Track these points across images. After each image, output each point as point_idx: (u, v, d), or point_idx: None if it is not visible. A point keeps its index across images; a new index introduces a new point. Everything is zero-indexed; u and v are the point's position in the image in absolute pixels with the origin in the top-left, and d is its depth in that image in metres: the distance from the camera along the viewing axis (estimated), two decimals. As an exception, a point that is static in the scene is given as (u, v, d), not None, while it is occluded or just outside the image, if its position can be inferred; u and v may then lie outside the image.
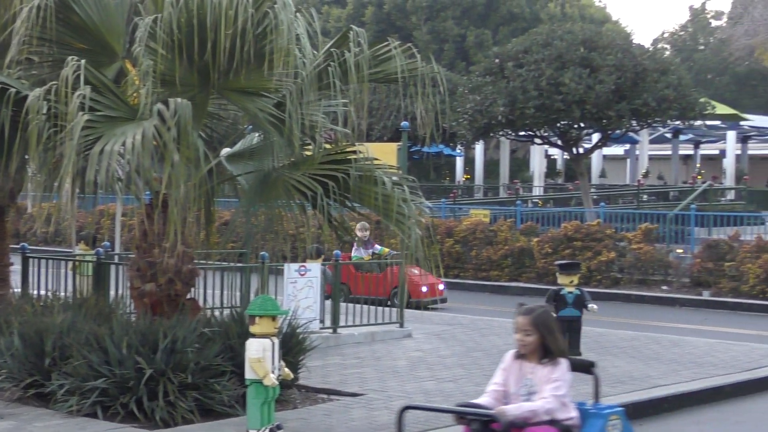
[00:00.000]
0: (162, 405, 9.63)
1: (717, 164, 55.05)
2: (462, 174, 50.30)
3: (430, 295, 20.72)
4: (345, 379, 12.19)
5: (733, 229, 24.10)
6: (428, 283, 20.64)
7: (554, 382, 6.70)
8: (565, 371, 6.81)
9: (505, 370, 6.94)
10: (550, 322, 6.85)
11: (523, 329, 6.82)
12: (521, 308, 6.92)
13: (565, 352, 6.92)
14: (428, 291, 20.68)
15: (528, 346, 6.81)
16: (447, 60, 55.17)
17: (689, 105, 27.69)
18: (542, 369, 6.79)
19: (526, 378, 6.85)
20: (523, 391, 6.82)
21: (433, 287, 20.82)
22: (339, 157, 10.65)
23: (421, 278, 20.48)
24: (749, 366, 13.53)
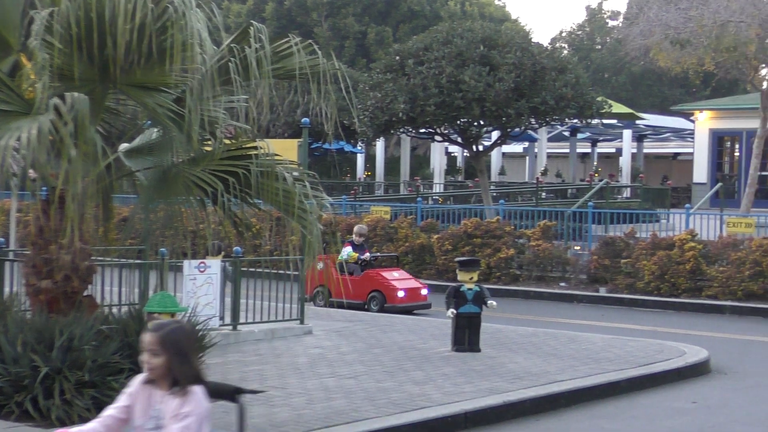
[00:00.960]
0: (58, 403, 9.49)
1: (614, 162, 55.90)
2: (363, 171, 50.38)
3: (409, 301, 19.47)
4: (245, 376, 12.13)
5: (629, 226, 24.48)
6: (407, 288, 19.55)
7: (183, 419, 5.55)
8: (199, 403, 5.63)
9: (131, 396, 5.85)
10: (182, 342, 5.66)
11: (149, 349, 5.67)
12: (151, 323, 5.88)
13: (200, 379, 5.72)
14: (406, 296, 19.43)
15: (155, 369, 5.66)
16: (348, 57, 55.19)
17: (587, 104, 28.04)
18: (172, 400, 5.64)
19: (155, 408, 5.71)
20: (150, 425, 5.72)
21: (413, 292, 19.65)
22: (239, 153, 10.59)
23: (399, 282, 19.61)
24: (644, 361, 13.76)
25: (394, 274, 19.72)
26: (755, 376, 13.91)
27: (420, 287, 19.84)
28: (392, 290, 19.36)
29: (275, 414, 10.29)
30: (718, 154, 44.33)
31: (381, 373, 12.54)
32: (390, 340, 15.15)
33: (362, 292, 19.31)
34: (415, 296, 19.56)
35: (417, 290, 19.70)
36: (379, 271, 19.71)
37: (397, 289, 19.31)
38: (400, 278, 19.72)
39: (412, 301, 19.43)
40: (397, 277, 19.67)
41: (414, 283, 19.87)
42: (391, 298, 19.24)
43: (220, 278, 14.43)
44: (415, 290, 19.65)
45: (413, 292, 19.55)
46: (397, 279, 19.59)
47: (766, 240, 21.35)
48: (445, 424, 10.48)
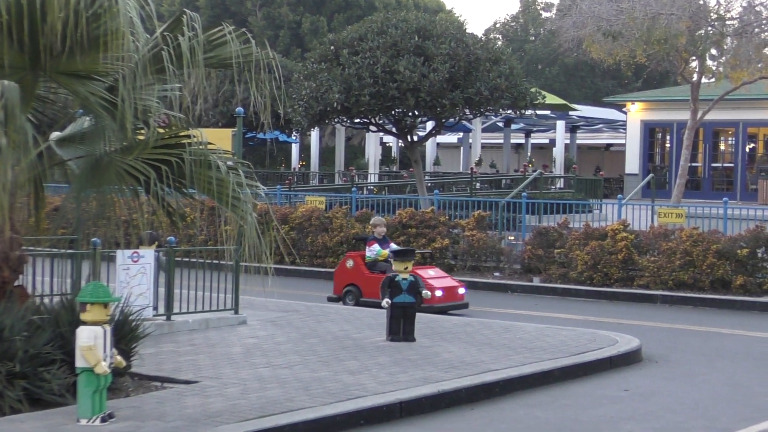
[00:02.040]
0: (-12, 395, 9.39)
1: (547, 153, 56.33)
2: (298, 161, 50.29)
3: (446, 300, 18.13)
4: (179, 367, 12.07)
5: (562, 216, 24.65)
6: (444, 287, 18.21)
7: None
8: None
9: None
10: None
11: None
12: None
13: None
14: (443, 295, 18.05)
15: None
16: (282, 46, 55.03)
17: (520, 94, 28.18)
18: None
19: None
20: None
21: (450, 291, 18.33)
22: (173, 141, 10.53)
23: (436, 280, 18.21)
24: (577, 350, 13.87)
25: (430, 272, 18.45)
26: (685, 364, 14.09)
27: (457, 286, 18.57)
28: (429, 289, 17.84)
29: (210, 404, 10.25)
30: (649, 145, 44.83)
31: (316, 363, 12.53)
32: (325, 330, 15.14)
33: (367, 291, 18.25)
34: (453, 295, 18.33)
35: (454, 289, 18.43)
36: (414, 270, 18.34)
37: (435, 288, 17.67)
38: (437, 276, 18.47)
39: (449, 301, 18.24)
40: (433, 275, 18.37)
41: (451, 282, 18.68)
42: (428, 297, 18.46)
43: (154, 268, 14.34)
44: (452, 289, 18.40)
45: (450, 291, 18.32)
46: (433, 277, 18.22)
47: (696, 230, 21.62)
48: (381, 414, 10.50)
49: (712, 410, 11.34)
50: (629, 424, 10.59)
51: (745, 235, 21.19)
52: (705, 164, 43.56)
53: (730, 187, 42.27)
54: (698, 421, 10.75)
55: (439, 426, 10.44)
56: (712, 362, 14.28)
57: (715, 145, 43.95)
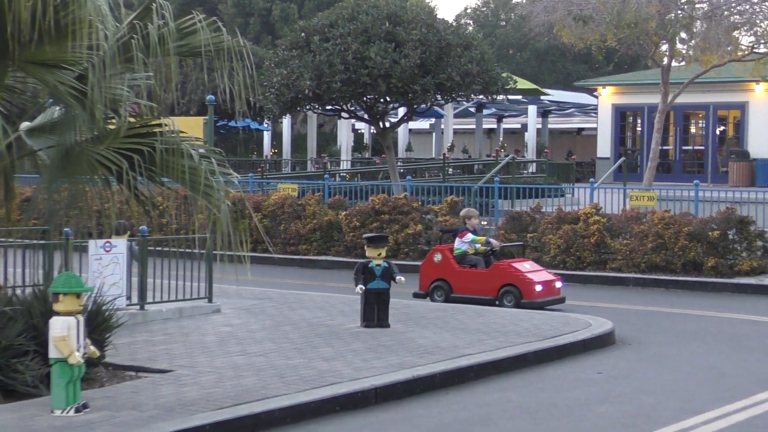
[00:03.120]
0: (-38, 387, 9.35)
1: (519, 138, 56.44)
2: (270, 148, 50.19)
3: (546, 295, 17.30)
4: (153, 356, 12.05)
5: (535, 201, 24.72)
6: (543, 281, 17.40)
7: None
8: None
9: None
10: None
11: None
12: None
13: None
14: (544, 290, 17.26)
15: None
16: (253, 34, 54.87)
17: (492, 80, 28.19)
18: None
19: None
20: None
21: (548, 285, 17.45)
22: (144, 130, 10.48)
23: (534, 274, 17.48)
24: (551, 334, 13.93)
25: (526, 265, 17.62)
26: (658, 346, 14.17)
27: (554, 279, 17.67)
28: (529, 284, 17.17)
29: (184, 393, 10.24)
30: (620, 129, 44.95)
31: (290, 350, 12.54)
32: (299, 317, 15.14)
33: (492, 287, 17.29)
34: (551, 290, 17.45)
35: (551, 283, 17.54)
36: (510, 263, 17.57)
37: (535, 283, 17.15)
38: (534, 270, 17.65)
39: (548, 296, 17.36)
40: (531, 269, 17.58)
41: (548, 275, 17.78)
42: (528, 293, 17.07)
43: (127, 258, 14.31)
44: (550, 283, 17.51)
45: (548, 286, 17.42)
46: (531, 271, 17.49)
47: (667, 213, 21.72)
48: (356, 400, 10.52)
49: (684, 391, 11.42)
50: (603, 406, 10.65)
51: (716, 217, 21.31)
52: (676, 147, 43.73)
53: (701, 170, 42.44)
54: (671, 402, 10.82)
55: (413, 411, 10.47)
56: (684, 344, 14.37)
57: (685, 128, 44.12)
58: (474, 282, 17.43)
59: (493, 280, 17.34)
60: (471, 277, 17.48)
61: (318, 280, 21.67)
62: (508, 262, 17.60)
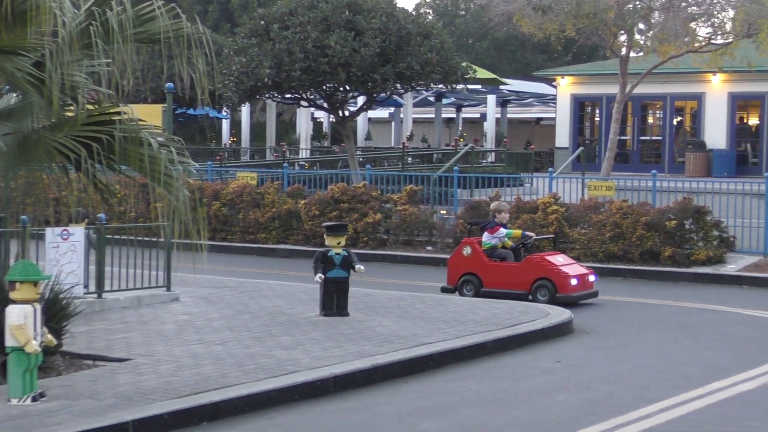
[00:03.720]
0: None
1: (478, 127, 56.50)
2: (228, 137, 50.00)
3: (581, 289, 16.78)
4: (111, 345, 11.99)
5: (494, 190, 24.78)
6: (578, 274, 16.88)
7: None
8: None
9: None
10: None
11: None
12: None
13: None
14: (579, 284, 16.74)
15: None
16: (212, 21, 54.63)
17: (451, 69, 28.23)
18: None
19: None
20: None
21: (583, 279, 16.93)
22: (102, 118, 10.40)
23: (569, 268, 16.96)
24: (510, 323, 13.98)
25: (559, 258, 17.16)
26: (616, 335, 14.26)
27: (587, 273, 17.17)
28: (564, 278, 16.62)
29: (143, 382, 10.20)
30: (579, 119, 45.11)
31: (249, 339, 12.51)
32: (258, 306, 15.11)
33: (525, 281, 16.73)
34: (585, 284, 16.94)
35: (585, 277, 17.02)
36: (543, 256, 17.11)
37: (570, 277, 16.64)
38: (567, 263, 17.17)
39: (583, 290, 16.85)
40: (564, 262, 17.07)
41: (581, 269, 17.26)
42: (563, 287, 16.53)
43: (84, 246, 14.22)
44: (584, 277, 16.99)
45: (583, 279, 16.91)
46: (565, 264, 17.00)
47: (625, 203, 21.84)
48: (315, 389, 10.52)
49: (642, 380, 11.50)
50: (562, 395, 10.71)
51: (673, 207, 21.46)
52: (634, 137, 43.95)
53: (659, 160, 42.69)
54: (629, 391, 10.89)
55: (373, 400, 10.48)
56: (642, 332, 14.46)
57: (643, 118, 44.33)
58: (506, 276, 16.91)
59: (526, 274, 16.78)
60: (503, 271, 16.96)
61: (277, 268, 21.64)
62: (542, 255, 17.13)
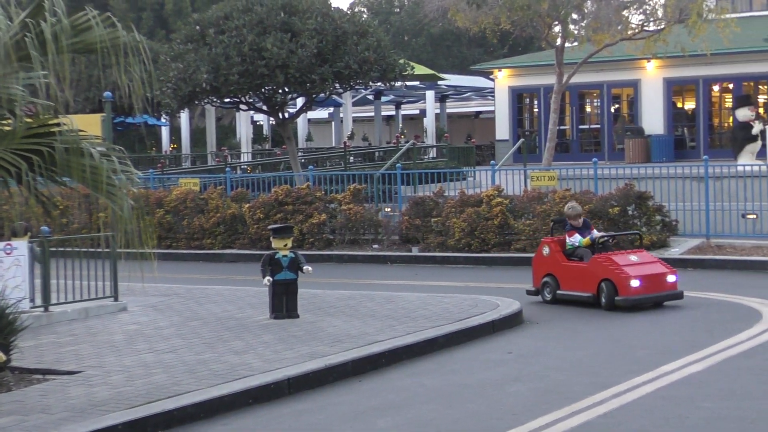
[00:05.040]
0: None
1: (418, 124, 56.62)
2: (169, 144, 49.71)
3: (647, 291, 15.27)
4: (60, 358, 11.90)
5: (437, 185, 24.85)
6: (644, 275, 15.30)
7: None
8: None
9: None
10: None
11: None
12: None
13: None
14: (642, 285, 15.19)
15: None
16: (146, 29, 54.27)
17: (389, 66, 28.27)
18: None
19: None
20: None
21: (654, 279, 15.39)
22: (42, 130, 10.30)
23: (634, 267, 15.39)
24: (460, 317, 14.03)
25: (632, 257, 15.61)
26: (565, 324, 14.35)
27: (665, 272, 15.56)
28: (624, 278, 15.17)
29: (94, 393, 10.13)
30: (518, 110, 45.35)
31: (200, 345, 12.47)
32: (207, 312, 15.05)
33: (591, 282, 15.48)
34: (657, 285, 15.43)
35: (660, 277, 15.48)
36: (610, 255, 15.70)
37: (630, 277, 15.16)
38: (639, 262, 15.56)
39: (652, 291, 15.36)
40: (634, 261, 15.52)
41: (657, 268, 15.66)
42: (623, 288, 15.12)
43: (28, 259, 14.09)
44: (657, 277, 15.45)
45: (654, 280, 15.38)
46: (632, 264, 15.44)
47: (568, 192, 22.00)
48: (269, 392, 10.50)
49: (593, 366, 11.59)
50: (515, 386, 10.77)
51: (615, 194, 21.64)
52: (573, 127, 44.25)
53: (598, 148, 43.02)
54: (581, 378, 10.97)
55: (328, 399, 10.48)
56: (590, 320, 14.57)
57: (581, 107, 44.66)
58: (577, 277, 15.80)
59: (591, 275, 15.59)
60: (575, 273, 15.83)
61: (224, 273, 21.57)
62: (610, 254, 15.76)
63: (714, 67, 39.95)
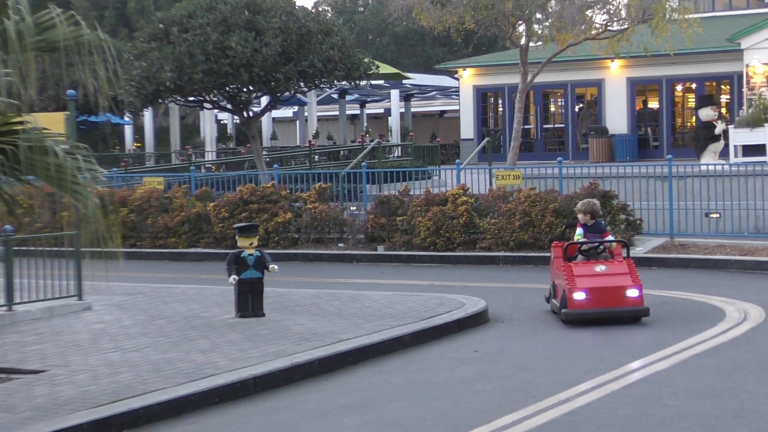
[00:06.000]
0: None
1: (383, 122, 56.64)
2: (132, 142, 49.49)
3: (596, 305, 13.69)
4: (24, 357, 11.82)
5: (402, 184, 24.86)
6: (592, 287, 13.70)
7: None
8: None
9: None
10: None
11: None
12: None
13: None
14: (588, 299, 13.67)
15: None
16: (108, 27, 53.99)
17: (354, 65, 28.25)
18: None
19: None
20: None
21: (607, 293, 13.76)
22: (5, 128, 10.23)
23: (587, 279, 13.80)
24: (426, 315, 14.05)
25: (599, 267, 13.93)
26: (531, 322, 14.39)
27: (624, 286, 13.76)
28: (569, 290, 13.77)
29: (59, 393, 10.07)
30: (482, 110, 45.48)
31: (166, 344, 12.42)
32: (172, 311, 14.99)
33: (559, 291, 14.37)
34: (612, 299, 13.76)
35: (616, 291, 13.77)
36: (578, 264, 14.16)
37: (575, 289, 13.73)
38: (601, 273, 13.89)
39: (603, 306, 13.71)
40: (596, 272, 13.89)
41: (617, 281, 13.83)
42: (569, 300, 13.77)
43: (-8, 259, 14.01)
44: (613, 291, 13.76)
45: (607, 294, 13.73)
46: (590, 275, 13.85)
47: (533, 191, 22.06)
48: (235, 390, 10.48)
49: (558, 365, 11.64)
50: (481, 384, 10.79)
51: (580, 193, 21.67)
52: (537, 126, 44.43)
53: (563, 147, 43.23)
54: (547, 377, 11.01)
55: (294, 398, 10.47)
56: (555, 319, 14.58)
57: (545, 106, 44.85)
58: (557, 286, 14.50)
59: (558, 284, 14.43)
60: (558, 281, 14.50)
61: (189, 272, 21.49)
62: (584, 262, 14.24)
63: (677, 67, 40.24)
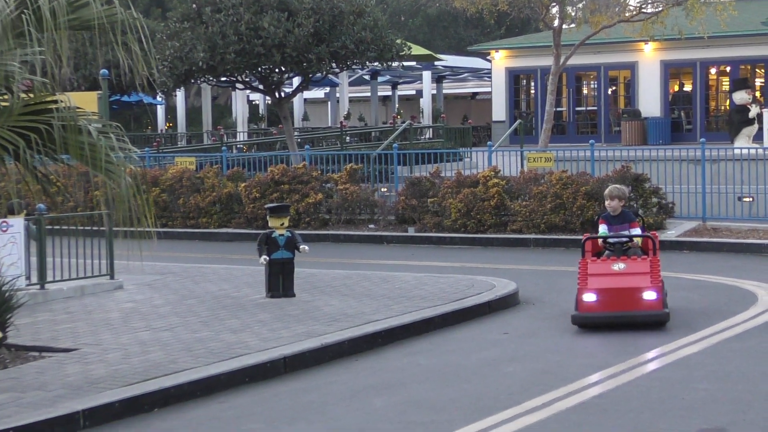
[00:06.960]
0: None
1: (415, 104, 56.56)
2: (164, 122, 49.65)
3: (606, 308, 12.44)
4: (57, 335, 11.90)
5: (433, 166, 24.82)
6: (605, 288, 12.47)
7: None
8: None
9: None
10: None
11: None
12: None
13: None
14: (599, 301, 12.42)
15: None
16: (142, 7, 54.11)
17: (386, 47, 28.22)
18: None
19: None
20: None
21: (621, 295, 12.46)
22: (39, 107, 10.28)
23: (602, 279, 12.57)
24: (456, 297, 14.04)
25: (617, 266, 12.61)
26: (561, 305, 14.31)
27: (639, 287, 12.42)
28: (579, 291, 12.61)
29: (91, 371, 10.13)
30: (514, 92, 45.30)
31: (196, 324, 12.47)
32: (203, 291, 15.05)
33: None
34: (625, 302, 12.45)
35: (631, 293, 12.45)
36: (594, 261, 12.86)
37: (585, 290, 12.54)
38: (618, 273, 12.59)
39: (615, 309, 12.44)
40: (613, 271, 12.61)
41: (634, 281, 12.52)
42: (578, 302, 12.59)
43: (24, 237, 14.09)
44: (626, 293, 12.45)
45: (621, 296, 12.45)
46: (606, 274, 12.60)
47: (565, 173, 21.97)
48: (265, 370, 10.51)
49: (588, 348, 11.61)
50: (511, 366, 10.78)
51: (612, 176, 21.60)
52: (569, 108, 44.23)
53: (595, 130, 43.02)
54: (577, 359, 10.99)
55: (324, 378, 10.49)
56: (586, 301, 14.54)
57: (578, 89, 44.63)
58: None
59: None
60: None
61: (220, 252, 21.56)
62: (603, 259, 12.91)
63: (711, 50, 39.92)
